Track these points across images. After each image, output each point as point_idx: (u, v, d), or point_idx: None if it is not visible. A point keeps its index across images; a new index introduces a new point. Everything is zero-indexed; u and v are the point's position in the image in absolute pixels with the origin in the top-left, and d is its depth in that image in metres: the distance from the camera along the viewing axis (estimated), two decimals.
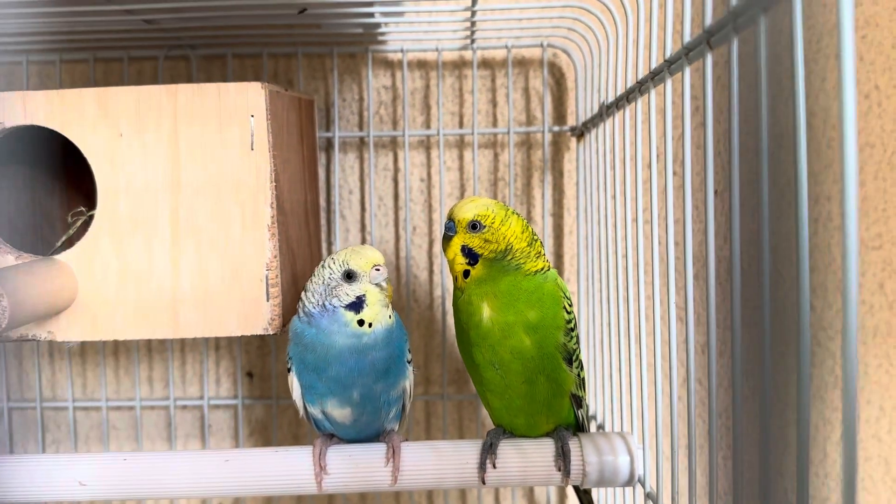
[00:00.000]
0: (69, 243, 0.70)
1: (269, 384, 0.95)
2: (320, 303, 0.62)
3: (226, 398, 0.95)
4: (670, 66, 0.52)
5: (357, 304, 0.61)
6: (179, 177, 0.64)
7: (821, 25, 0.90)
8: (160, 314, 0.65)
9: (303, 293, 0.64)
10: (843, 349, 0.32)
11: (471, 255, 0.62)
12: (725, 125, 0.92)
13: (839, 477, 0.95)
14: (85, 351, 0.95)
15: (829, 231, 0.92)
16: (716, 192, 0.79)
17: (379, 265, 0.62)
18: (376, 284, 0.62)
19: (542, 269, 0.63)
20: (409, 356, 0.65)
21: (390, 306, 0.63)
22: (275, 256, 0.64)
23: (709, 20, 0.45)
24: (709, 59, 0.46)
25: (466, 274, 0.63)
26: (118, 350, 0.95)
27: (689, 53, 0.49)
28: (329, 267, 0.62)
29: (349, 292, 0.61)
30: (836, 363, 0.92)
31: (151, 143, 0.64)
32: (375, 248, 0.64)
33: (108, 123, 0.64)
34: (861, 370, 0.91)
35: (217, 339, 0.95)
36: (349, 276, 0.61)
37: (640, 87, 0.60)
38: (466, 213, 0.63)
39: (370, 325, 0.61)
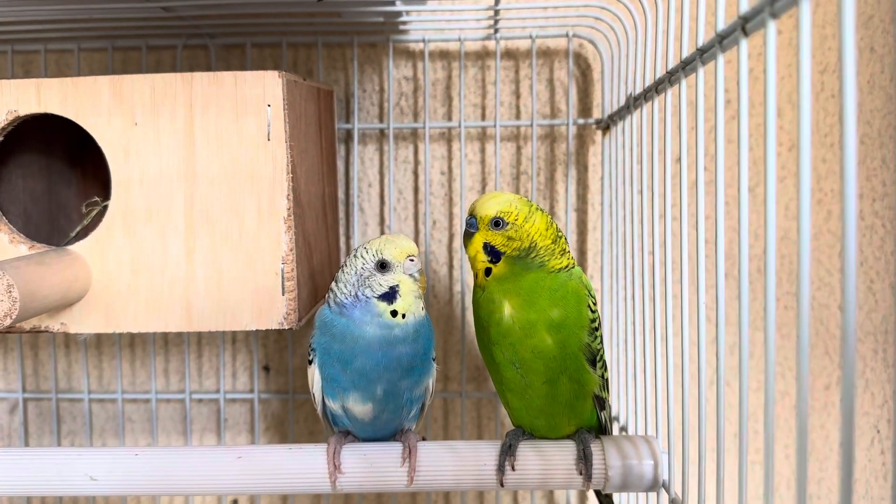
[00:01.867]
0: (83, 234, 0.69)
1: (285, 379, 0.93)
2: (353, 293, 0.60)
3: (242, 392, 0.94)
4: (702, 54, 0.50)
5: (390, 295, 0.60)
6: (194, 167, 0.63)
7: (855, 17, 0.87)
8: (173, 307, 0.64)
9: (333, 283, 0.63)
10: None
11: (493, 253, 0.60)
12: (759, 119, 0.89)
13: (866, 483, 0.93)
14: (101, 342, 0.95)
15: (860, 230, 0.89)
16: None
17: (413, 255, 0.61)
18: (410, 275, 0.60)
19: (567, 266, 0.61)
20: (433, 353, 0.64)
21: (422, 298, 0.62)
22: (291, 250, 0.63)
23: (744, 6, 0.43)
24: (744, 45, 0.43)
25: (488, 272, 0.61)
26: (134, 342, 0.94)
27: (722, 41, 0.46)
28: (362, 256, 0.61)
29: (382, 282, 0.60)
30: (867, 366, 0.89)
31: (166, 133, 0.63)
32: (408, 238, 0.62)
33: (122, 112, 0.63)
34: None
35: (234, 333, 0.94)
36: (383, 266, 0.60)
37: (670, 78, 0.58)
38: (489, 209, 0.61)
39: (403, 316, 0.60)
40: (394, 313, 0.60)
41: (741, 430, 0.47)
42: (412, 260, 0.61)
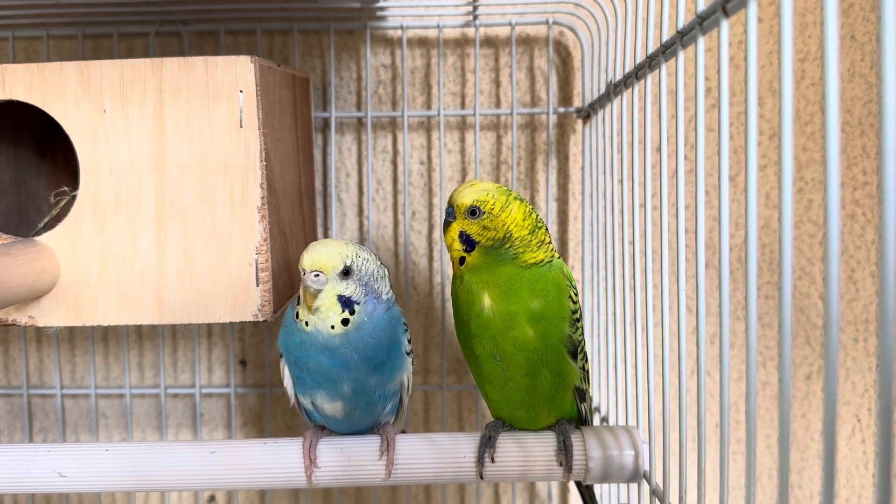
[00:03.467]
0: (52, 224, 0.67)
1: (262, 373, 0.92)
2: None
3: (218, 386, 0.92)
4: (683, 37, 0.49)
5: (298, 297, 0.58)
6: (165, 155, 0.61)
7: None
8: (144, 299, 0.62)
9: None
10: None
11: (468, 242, 0.59)
12: (739, 108, 0.88)
13: (847, 472, 0.93)
14: (73, 336, 0.93)
15: (840, 219, 0.89)
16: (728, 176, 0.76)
17: (305, 269, 0.57)
18: (303, 287, 0.57)
19: (543, 260, 0.59)
20: (408, 347, 0.62)
21: (333, 318, 0.57)
22: (265, 240, 0.61)
23: None
24: (724, 26, 0.42)
25: (462, 261, 0.60)
26: (107, 336, 0.92)
27: (703, 23, 0.45)
28: None
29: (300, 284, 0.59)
30: (848, 355, 0.89)
31: (136, 120, 0.61)
32: (326, 251, 0.57)
33: (90, 98, 0.61)
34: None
35: (209, 326, 0.92)
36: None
37: (650, 63, 0.57)
38: (465, 198, 0.60)
39: (306, 323, 0.57)
40: (297, 315, 0.58)
41: (722, 420, 0.46)
42: (304, 273, 0.57)
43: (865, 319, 0.88)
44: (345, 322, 0.57)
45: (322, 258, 0.57)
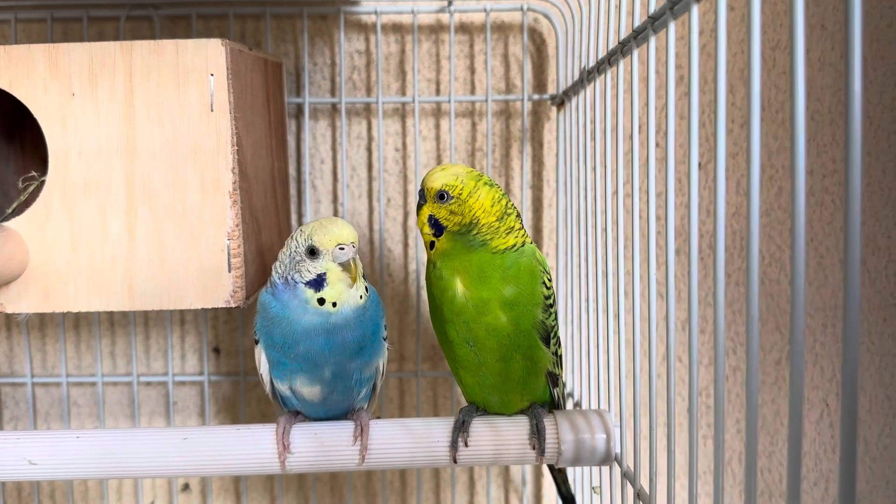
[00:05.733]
0: (21, 210, 0.67)
1: (236, 360, 0.92)
2: (284, 276, 0.59)
3: (191, 374, 0.92)
4: (654, 22, 0.49)
5: (318, 282, 0.58)
6: (135, 139, 0.60)
7: None
8: (115, 285, 0.61)
9: (275, 263, 0.61)
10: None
11: (436, 227, 0.60)
12: (710, 96, 0.89)
13: (815, 456, 0.94)
14: (44, 324, 0.92)
15: (810, 206, 0.90)
16: (699, 164, 0.77)
17: (343, 244, 0.57)
18: (339, 264, 0.58)
19: (514, 245, 0.59)
20: (384, 332, 0.63)
21: (362, 285, 0.59)
22: (237, 225, 0.61)
23: None
24: (695, 10, 0.43)
25: (432, 245, 0.60)
26: (79, 323, 0.92)
27: (673, 7, 0.46)
28: (296, 239, 0.59)
29: (311, 269, 0.58)
30: (816, 340, 0.90)
31: (105, 103, 0.60)
32: (347, 223, 0.59)
33: (59, 82, 0.61)
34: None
35: (182, 313, 0.91)
36: (312, 252, 0.58)
37: (623, 49, 0.57)
38: (435, 181, 0.60)
39: (334, 304, 0.58)
40: (321, 301, 0.58)
41: (691, 405, 0.47)
42: (342, 248, 0.57)
43: (834, 305, 0.90)
44: (367, 289, 0.60)
45: (352, 231, 0.59)
